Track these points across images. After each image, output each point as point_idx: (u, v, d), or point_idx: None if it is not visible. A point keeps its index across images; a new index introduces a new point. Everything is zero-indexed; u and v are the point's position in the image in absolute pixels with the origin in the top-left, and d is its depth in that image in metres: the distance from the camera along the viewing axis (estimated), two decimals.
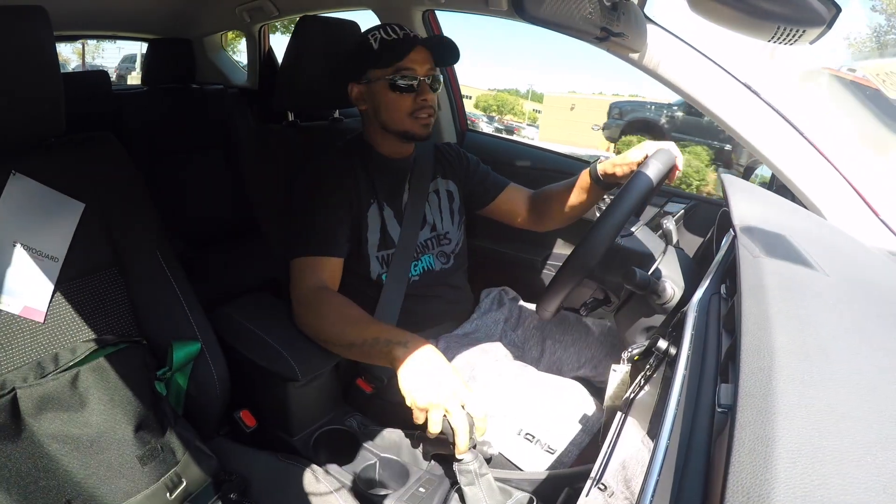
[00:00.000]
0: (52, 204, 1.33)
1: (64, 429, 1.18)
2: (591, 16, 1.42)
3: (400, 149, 1.87)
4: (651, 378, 1.09)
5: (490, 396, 1.57)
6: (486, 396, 1.57)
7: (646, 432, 0.98)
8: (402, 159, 1.89)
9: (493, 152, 2.67)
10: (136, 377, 1.30)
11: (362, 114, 1.84)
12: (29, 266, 1.26)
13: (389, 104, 1.73)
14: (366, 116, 1.83)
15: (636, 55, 1.67)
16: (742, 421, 0.54)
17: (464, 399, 1.20)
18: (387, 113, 1.74)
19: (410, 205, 1.85)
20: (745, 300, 0.78)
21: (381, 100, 1.73)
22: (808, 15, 1.19)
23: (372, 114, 1.79)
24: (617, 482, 0.90)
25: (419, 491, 1.43)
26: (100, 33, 4.26)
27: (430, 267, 1.90)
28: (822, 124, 1.52)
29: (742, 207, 1.23)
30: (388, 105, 1.73)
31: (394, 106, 1.73)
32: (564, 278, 1.38)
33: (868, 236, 1.47)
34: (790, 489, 0.44)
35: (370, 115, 1.80)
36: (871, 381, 0.61)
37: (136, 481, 1.24)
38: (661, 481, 0.65)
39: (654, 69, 1.68)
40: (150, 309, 1.46)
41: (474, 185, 2.05)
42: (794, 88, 1.57)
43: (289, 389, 1.56)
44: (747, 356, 0.64)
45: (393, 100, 1.72)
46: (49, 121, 1.30)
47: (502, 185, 2.07)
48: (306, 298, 1.59)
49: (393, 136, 1.79)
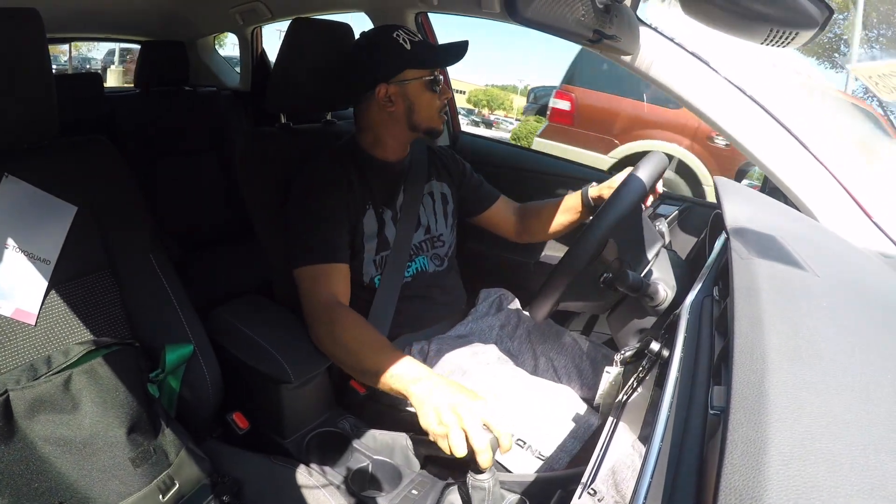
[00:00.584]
0: (44, 206, 1.32)
1: (56, 431, 1.18)
2: (584, 18, 1.43)
3: (401, 152, 1.88)
4: (644, 380, 1.09)
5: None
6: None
7: (637, 436, 0.99)
8: (399, 161, 1.89)
9: (486, 155, 2.67)
10: (128, 379, 1.29)
11: (377, 115, 1.80)
12: (21, 268, 1.26)
13: (426, 104, 1.77)
14: (387, 117, 1.79)
15: (629, 57, 1.68)
16: (734, 423, 0.54)
17: (486, 417, 1.18)
18: (422, 112, 1.77)
19: (405, 206, 1.85)
20: (737, 302, 0.78)
21: (417, 100, 1.76)
22: (800, 17, 1.19)
23: (402, 114, 1.77)
24: (607, 487, 0.90)
25: (411, 493, 1.44)
26: (92, 36, 4.26)
27: (423, 268, 1.90)
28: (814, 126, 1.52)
29: (734, 210, 1.23)
30: (423, 105, 1.77)
31: (429, 105, 1.77)
32: (557, 280, 1.38)
33: (860, 238, 1.48)
34: (782, 491, 0.45)
35: (397, 115, 1.78)
36: (863, 383, 0.62)
37: (129, 483, 1.24)
38: (653, 483, 0.65)
39: (647, 71, 1.69)
40: (142, 311, 1.45)
41: (467, 193, 2.07)
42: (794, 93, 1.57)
43: (281, 391, 1.56)
44: (740, 358, 0.64)
45: (428, 100, 1.76)
46: (42, 123, 1.30)
47: (494, 198, 2.10)
48: (319, 315, 1.58)
49: (414, 136, 1.85)
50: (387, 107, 1.76)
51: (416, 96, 1.75)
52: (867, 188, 1.51)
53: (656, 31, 1.66)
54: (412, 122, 1.78)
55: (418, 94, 1.74)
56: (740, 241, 1.05)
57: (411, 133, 1.82)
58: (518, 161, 2.67)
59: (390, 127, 1.81)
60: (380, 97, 1.74)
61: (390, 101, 1.75)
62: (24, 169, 1.30)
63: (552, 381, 1.81)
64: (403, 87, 1.73)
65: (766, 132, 1.57)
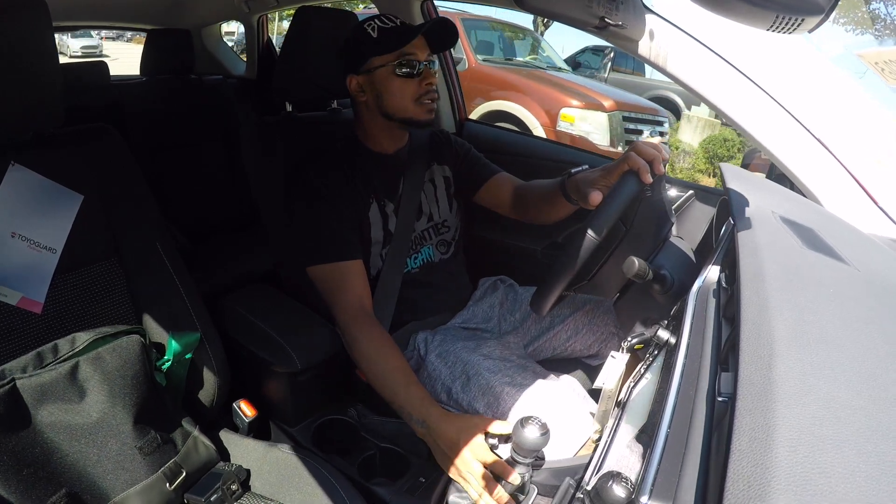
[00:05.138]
0: (50, 195, 1.32)
1: (63, 419, 1.18)
2: (590, 5, 1.42)
3: (395, 142, 1.86)
4: (650, 367, 1.09)
5: (484, 397, 1.57)
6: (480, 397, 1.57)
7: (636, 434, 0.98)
8: (395, 154, 1.88)
9: (492, 142, 2.66)
10: (135, 368, 1.29)
11: (359, 107, 1.80)
12: (27, 257, 1.26)
13: (395, 90, 1.70)
14: (364, 109, 1.79)
15: (635, 44, 1.67)
16: (742, 409, 0.54)
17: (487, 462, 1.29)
18: (392, 100, 1.72)
19: (406, 197, 1.84)
20: (744, 289, 0.78)
21: (384, 87, 1.71)
22: (806, 3, 1.18)
23: (373, 103, 1.75)
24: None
25: (419, 481, 1.44)
26: (98, 24, 4.26)
27: (429, 258, 1.90)
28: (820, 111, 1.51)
29: (741, 196, 1.23)
30: (393, 91, 1.71)
31: (399, 92, 1.70)
32: (560, 274, 1.38)
33: (867, 224, 1.47)
34: (790, 477, 0.45)
35: (370, 105, 1.76)
36: (871, 370, 0.61)
37: (136, 471, 1.25)
38: (661, 469, 0.65)
39: (653, 58, 1.68)
40: (149, 300, 1.45)
41: (464, 170, 2.04)
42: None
43: (288, 380, 1.57)
44: (747, 345, 0.64)
45: (398, 86, 1.70)
46: (48, 112, 1.30)
47: (490, 173, 2.04)
48: (346, 326, 1.61)
49: (395, 126, 1.78)
50: (359, 97, 1.76)
51: (382, 84, 1.71)
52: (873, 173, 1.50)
53: (663, 18, 1.65)
54: (384, 111, 1.75)
55: (386, 80, 1.70)
56: (747, 227, 1.04)
57: (389, 122, 1.78)
58: (527, 149, 2.65)
59: (370, 118, 1.80)
60: (352, 89, 1.76)
61: (362, 92, 1.75)
62: (30, 158, 1.30)
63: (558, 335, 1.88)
64: (370, 75, 1.72)
65: (771, 118, 1.56)
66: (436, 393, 1.62)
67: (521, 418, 1.18)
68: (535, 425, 1.17)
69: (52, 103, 1.29)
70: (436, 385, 1.63)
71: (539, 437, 1.16)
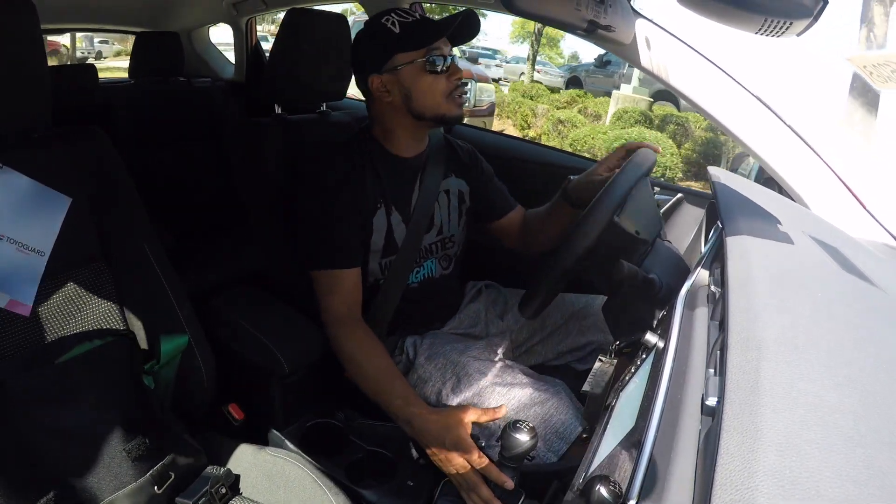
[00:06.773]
0: (38, 197, 1.31)
1: (51, 421, 1.17)
2: (579, 8, 1.42)
3: (416, 146, 1.80)
4: (638, 371, 1.09)
5: (474, 398, 1.57)
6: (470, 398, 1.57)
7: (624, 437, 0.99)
8: (415, 157, 1.80)
9: (478, 144, 2.66)
10: (123, 370, 1.29)
11: (382, 108, 1.72)
12: (14, 260, 1.25)
13: (426, 88, 1.63)
14: (389, 109, 1.71)
15: (623, 47, 1.68)
16: (730, 413, 0.54)
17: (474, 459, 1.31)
18: (423, 98, 1.64)
19: (419, 207, 1.77)
20: (732, 292, 0.78)
21: (414, 85, 1.63)
22: (794, 7, 1.19)
23: (401, 103, 1.66)
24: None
25: (407, 484, 1.44)
26: (87, 26, 4.24)
27: (430, 274, 1.86)
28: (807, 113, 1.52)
29: (729, 200, 1.23)
30: (423, 90, 1.63)
31: (430, 90, 1.63)
32: (547, 277, 1.38)
33: (854, 227, 1.48)
34: (778, 481, 0.45)
35: (397, 105, 1.67)
36: (858, 374, 0.62)
37: (124, 474, 1.24)
38: (649, 473, 0.65)
39: (641, 61, 1.68)
40: (137, 302, 1.45)
41: (483, 195, 1.97)
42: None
43: (276, 383, 1.56)
44: (735, 349, 0.64)
45: (429, 83, 1.62)
46: (36, 113, 1.29)
47: (510, 207, 1.99)
48: (334, 329, 1.62)
49: (424, 126, 1.73)
50: (384, 98, 1.67)
51: (411, 81, 1.62)
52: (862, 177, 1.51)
53: (651, 21, 1.66)
54: (414, 111, 1.66)
55: (413, 78, 1.62)
56: (735, 231, 1.05)
57: (419, 122, 1.69)
58: (514, 151, 2.65)
59: (395, 119, 1.71)
60: (375, 89, 1.67)
61: (386, 92, 1.66)
62: (18, 160, 1.29)
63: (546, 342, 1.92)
64: (396, 73, 1.63)
65: (759, 121, 1.57)
66: (426, 395, 1.62)
67: (509, 422, 1.19)
68: (524, 430, 1.17)
69: (40, 105, 1.29)
70: (426, 388, 1.63)
71: (528, 442, 1.17)
